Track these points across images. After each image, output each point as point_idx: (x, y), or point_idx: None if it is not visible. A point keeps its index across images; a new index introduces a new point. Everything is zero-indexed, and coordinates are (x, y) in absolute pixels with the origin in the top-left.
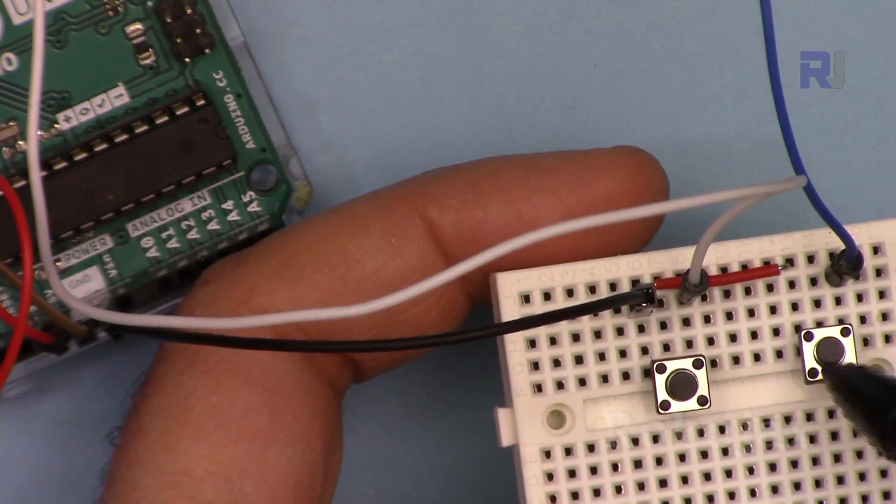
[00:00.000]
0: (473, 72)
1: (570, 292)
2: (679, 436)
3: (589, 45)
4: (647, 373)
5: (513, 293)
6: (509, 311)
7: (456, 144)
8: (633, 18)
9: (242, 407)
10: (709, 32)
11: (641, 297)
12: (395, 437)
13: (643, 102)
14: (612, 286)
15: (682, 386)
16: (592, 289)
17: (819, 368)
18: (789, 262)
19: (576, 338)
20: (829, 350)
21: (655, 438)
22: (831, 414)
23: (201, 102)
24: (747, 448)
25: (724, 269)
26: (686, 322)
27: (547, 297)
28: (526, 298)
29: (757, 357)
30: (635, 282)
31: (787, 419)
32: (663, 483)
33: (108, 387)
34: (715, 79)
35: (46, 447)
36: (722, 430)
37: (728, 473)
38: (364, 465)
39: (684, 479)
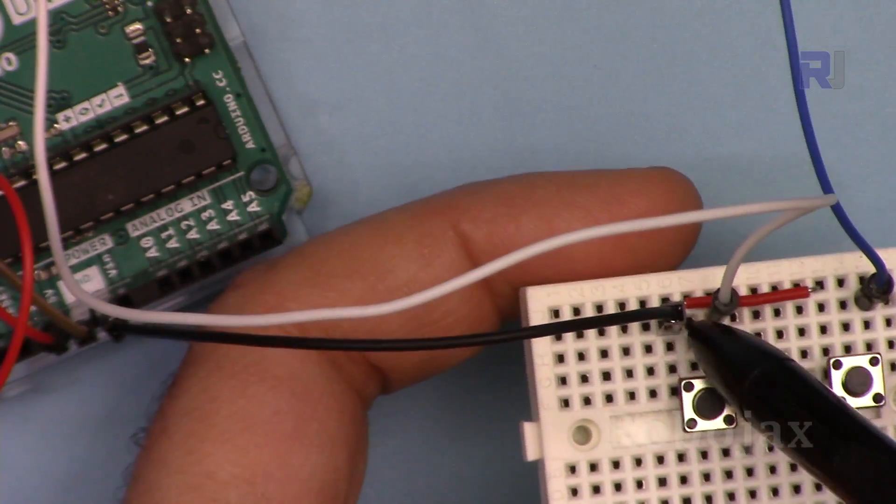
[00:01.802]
0: (473, 72)
1: (599, 308)
2: (704, 455)
3: (589, 45)
4: (675, 391)
5: (542, 307)
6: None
7: (456, 144)
8: (633, 18)
9: (269, 411)
10: (709, 32)
11: (670, 313)
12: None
13: (643, 103)
14: (642, 303)
15: (709, 405)
16: (622, 305)
17: (844, 396)
18: (819, 284)
19: (604, 354)
20: (857, 379)
21: (681, 457)
22: None
23: (201, 102)
24: (772, 469)
25: (753, 290)
26: None
27: (576, 312)
28: (555, 313)
29: None
30: (665, 299)
31: None
32: (687, 502)
33: (108, 387)
34: (715, 79)
35: (46, 447)
36: (747, 450)
37: (752, 494)
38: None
39: (708, 499)
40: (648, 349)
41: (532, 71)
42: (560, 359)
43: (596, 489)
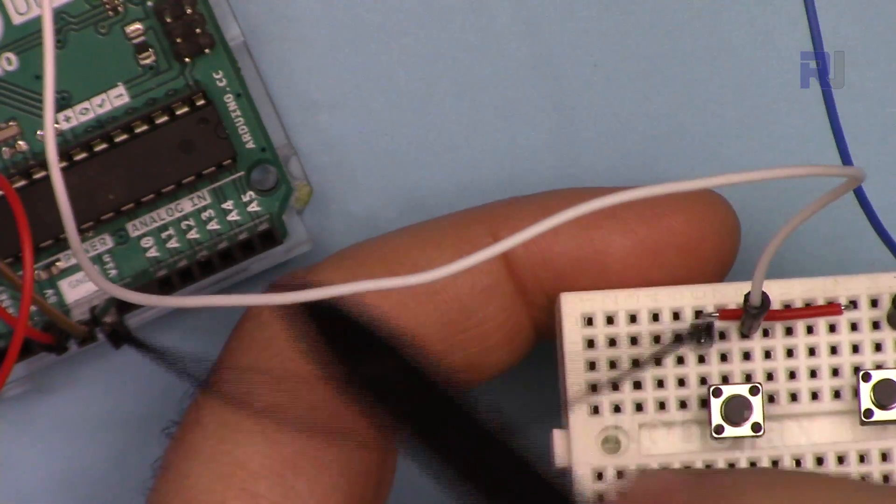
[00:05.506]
0: (473, 72)
1: (633, 318)
2: (731, 466)
3: (589, 45)
4: (704, 402)
5: (576, 313)
6: (571, 330)
7: (456, 144)
8: (633, 18)
9: (303, 406)
10: (709, 32)
11: (701, 334)
12: None
13: (643, 102)
14: (676, 315)
15: (736, 411)
16: (655, 316)
17: (874, 409)
18: (852, 303)
19: (635, 363)
20: (886, 391)
21: (708, 467)
22: (885, 456)
23: (201, 102)
24: None
25: (787, 306)
26: (746, 356)
27: (610, 320)
28: (589, 321)
29: (814, 395)
30: (698, 312)
31: (841, 459)
32: None
33: (108, 387)
34: (715, 79)
35: (46, 447)
36: (775, 464)
37: None
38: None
39: None
40: (680, 360)
41: (532, 71)
42: (592, 366)
43: None
